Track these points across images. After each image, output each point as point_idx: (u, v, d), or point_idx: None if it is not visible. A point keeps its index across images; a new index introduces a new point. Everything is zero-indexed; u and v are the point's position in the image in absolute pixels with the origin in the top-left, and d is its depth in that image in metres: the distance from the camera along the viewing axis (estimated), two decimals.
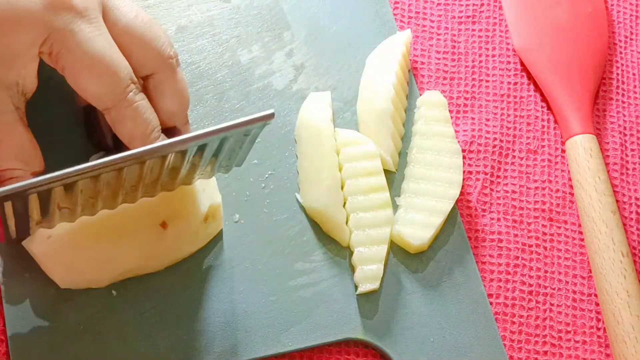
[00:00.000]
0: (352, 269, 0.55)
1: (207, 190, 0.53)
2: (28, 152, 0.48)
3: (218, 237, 0.55)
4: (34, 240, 0.50)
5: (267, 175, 0.57)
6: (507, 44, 0.66)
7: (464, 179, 0.60)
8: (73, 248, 0.50)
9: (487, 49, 0.65)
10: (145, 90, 0.50)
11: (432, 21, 0.65)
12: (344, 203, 0.56)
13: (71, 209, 0.48)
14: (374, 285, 0.54)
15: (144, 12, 0.51)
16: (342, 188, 0.56)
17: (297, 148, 0.58)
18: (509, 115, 0.63)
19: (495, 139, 0.62)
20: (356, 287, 0.55)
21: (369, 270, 0.54)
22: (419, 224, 0.56)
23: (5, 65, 0.47)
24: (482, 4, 0.67)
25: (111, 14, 0.49)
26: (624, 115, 0.65)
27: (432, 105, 0.60)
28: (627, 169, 0.63)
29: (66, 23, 0.46)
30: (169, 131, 0.51)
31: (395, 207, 0.57)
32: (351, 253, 0.55)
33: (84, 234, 0.50)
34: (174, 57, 0.51)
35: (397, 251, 0.57)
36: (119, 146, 0.52)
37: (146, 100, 0.49)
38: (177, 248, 0.53)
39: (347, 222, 0.56)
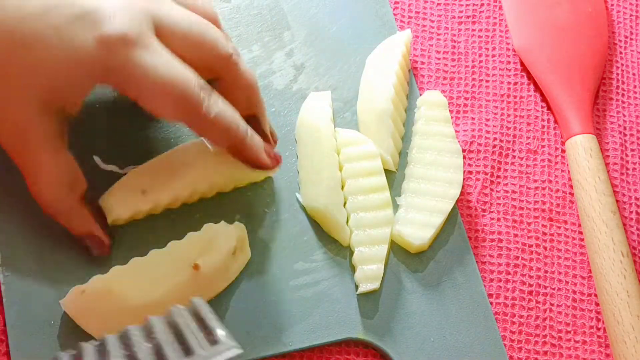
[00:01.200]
0: (353, 269, 0.55)
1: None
2: (73, 177, 0.49)
3: None
4: (68, 297, 0.50)
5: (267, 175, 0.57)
6: (507, 44, 0.66)
7: (464, 179, 0.60)
8: (107, 301, 0.50)
9: (487, 49, 0.65)
10: (219, 90, 0.50)
11: (432, 21, 0.65)
12: (345, 203, 0.56)
13: None
14: (374, 285, 0.54)
15: (194, 16, 0.50)
16: (342, 188, 0.56)
17: (297, 148, 0.58)
18: (509, 115, 0.63)
19: (495, 139, 0.62)
20: (356, 287, 0.55)
21: (370, 270, 0.54)
22: (419, 223, 0.56)
23: (57, 93, 0.46)
24: (482, 4, 0.67)
25: (165, 28, 0.48)
26: (624, 115, 0.65)
27: (432, 105, 0.60)
28: (627, 169, 0.63)
29: (124, 57, 0.46)
30: (249, 120, 0.52)
31: (395, 206, 0.57)
32: (351, 253, 0.55)
33: (118, 286, 0.50)
34: (234, 52, 0.51)
35: (397, 251, 0.57)
36: None
37: (223, 102, 0.49)
38: (210, 286, 0.52)
39: (347, 222, 0.56)
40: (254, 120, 0.53)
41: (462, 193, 0.60)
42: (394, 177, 0.59)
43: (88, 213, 0.50)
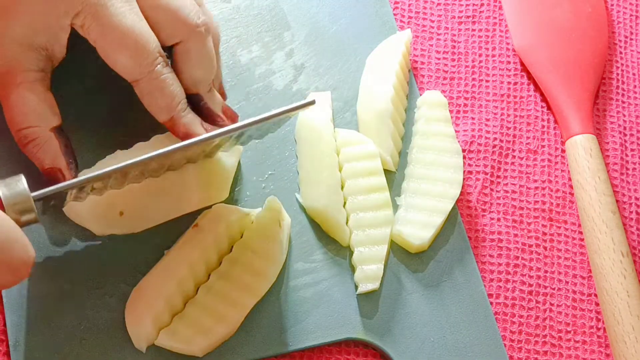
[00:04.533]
0: (352, 269, 0.55)
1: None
2: (44, 109, 0.50)
3: None
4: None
5: (267, 176, 0.57)
6: (507, 44, 0.66)
7: (464, 179, 0.60)
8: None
9: (487, 49, 0.65)
10: (174, 57, 0.52)
11: (432, 21, 0.65)
12: (344, 203, 0.56)
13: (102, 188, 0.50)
14: (374, 285, 0.54)
15: None
16: (342, 188, 0.56)
17: (297, 148, 0.58)
18: (509, 115, 0.63)
19: (495, 139, 0.62)
20: (356, 287, 0.55)
21: (369, 270, 0.54)
22: (419, 223, 0.56)
23: (35, 30, 0.49)
24: (482, 4, 0.67)
25: None
26: (624, 115, 0.65)
27: (432, 105, 0.60)
28: (627, 169, 0.63)
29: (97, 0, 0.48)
30: (192, 98, 0.53)
31: (395, 206, 0.57)
32: (351, 253, 0.55)
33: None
34: (202, 25, 0.52)
35: (397, 251, 0.57)
36: None
37: (172, 73, 0.51)
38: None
39: (347, 222, 0.56)
40: (197, 99, 0.53)
41: (462, 193, 0.60)
42: (393, 177, 0.59)
43: (57, 146, 0.51)
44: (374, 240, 0.55)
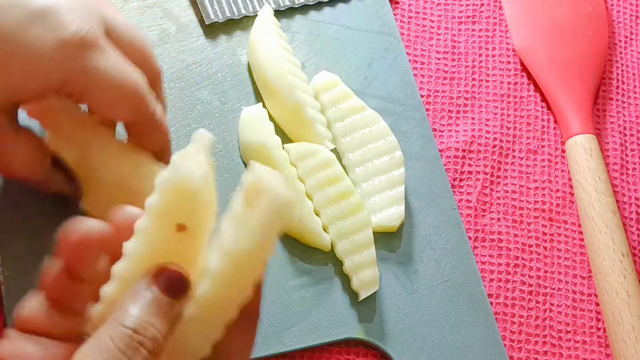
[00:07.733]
0: (348, 277, 0.55)
1: None
2: (37, 150, 0.49)
3: None
4: None
5: None
6: (507, 44, 0.66)
7: (463, 179, 0.60)
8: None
9: (487, 49, 0.65)
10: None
11: (432, 21, 0.65)
12: (315, 211, 0.55)
13: None
14: (374, 288, 0.54)
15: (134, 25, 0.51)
16: (307, 195, 0.55)
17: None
18: (509, 115, 0.63)
19: (495, 139, 0.62)
20: (356, 294, 0.54)
21: (365, 275, 0.54)
22: (387, 204, 0.55)
23: (10, 92, 0.46)
24: (482, 4, 0.67)
25: (114, 32, 0.48)
26: (624, 115, 0.65)
27: (327, 86, 0.59)
28: (627, 169, 0.63)
29: (83, 63, 0.45)
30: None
31: None
32: (340, 262, 0.55)
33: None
34: (162, 72, 0.52)
35: (397, 251, 0.56)
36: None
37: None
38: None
39: (323, 228, 0.55)
40: None
41: (462, 193, 0.60)
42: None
43: (60, 176, 0.50)
44: (360, 245, 0.54)
